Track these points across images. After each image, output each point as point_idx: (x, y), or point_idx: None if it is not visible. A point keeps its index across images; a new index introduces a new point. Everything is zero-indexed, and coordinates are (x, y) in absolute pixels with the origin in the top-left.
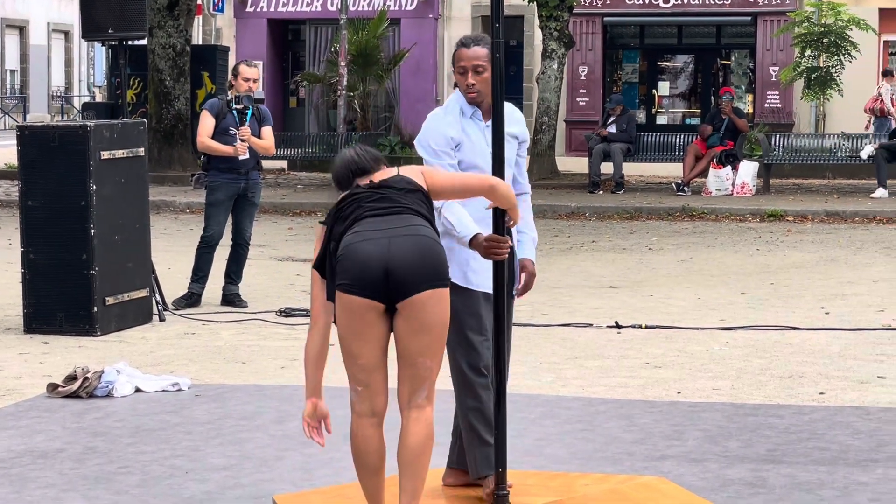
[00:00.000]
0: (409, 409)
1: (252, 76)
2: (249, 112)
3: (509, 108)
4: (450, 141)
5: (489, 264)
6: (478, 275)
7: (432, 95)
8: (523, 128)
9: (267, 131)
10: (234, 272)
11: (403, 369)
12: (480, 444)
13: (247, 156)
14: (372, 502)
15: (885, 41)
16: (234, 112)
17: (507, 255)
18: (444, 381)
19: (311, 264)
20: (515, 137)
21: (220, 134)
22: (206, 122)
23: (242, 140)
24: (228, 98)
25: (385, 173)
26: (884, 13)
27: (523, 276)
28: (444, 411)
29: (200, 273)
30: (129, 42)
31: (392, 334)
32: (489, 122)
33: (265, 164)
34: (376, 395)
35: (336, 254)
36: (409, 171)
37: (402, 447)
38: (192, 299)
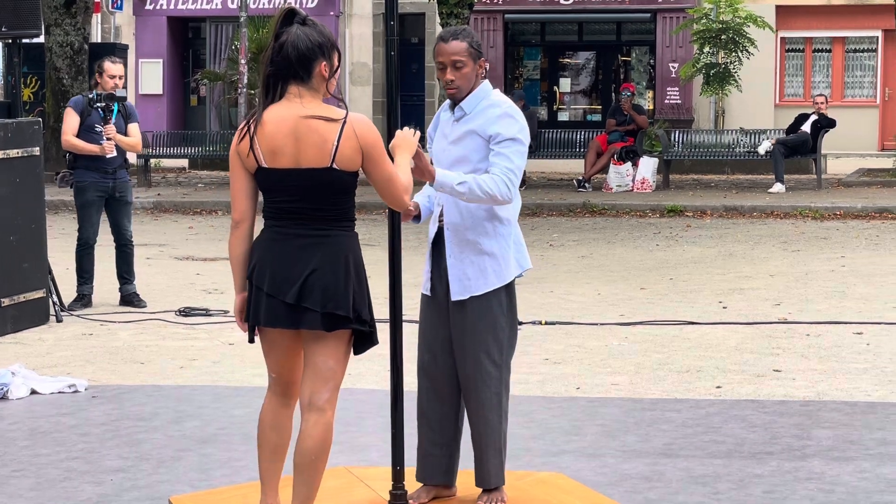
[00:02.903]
0: (308, 412)
1: (118, 73)
2: (115, 109)
3: (487, 103)
4: (430, 137)
5: (428, 270)
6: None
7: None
8: (490, 123)
9: (133, 128)
10: (125, 272)
11: (306, 369)
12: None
13: (114, 154)
14: (265, 486)
15: (781, 38)
16: (99, 109)
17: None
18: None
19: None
20: (475, 133)
21: (86, 132)
22: (70, 120)
23: (108, 139)
24: (91, 95)
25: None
26: (780, 10)
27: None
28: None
29: (86, 275)
30: (25, 40)
31: None
32: (456, 115)
33: (165, 163)
34: (290, 384)
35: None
36: (346, 153)
37: (297, 450)
38: (84, 300)
